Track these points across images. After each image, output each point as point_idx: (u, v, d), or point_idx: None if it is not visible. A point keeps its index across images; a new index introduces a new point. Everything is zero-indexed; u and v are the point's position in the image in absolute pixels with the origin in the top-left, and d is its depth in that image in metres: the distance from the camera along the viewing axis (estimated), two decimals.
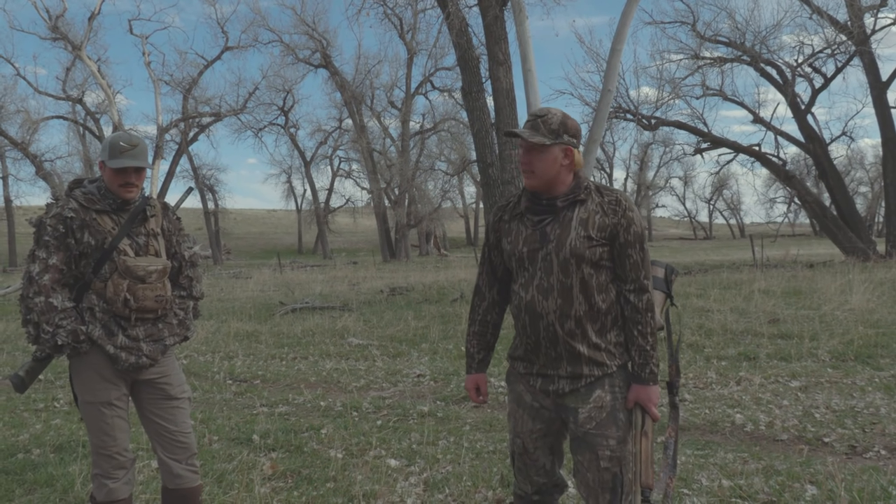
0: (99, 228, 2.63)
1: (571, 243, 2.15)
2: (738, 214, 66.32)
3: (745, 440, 4.29)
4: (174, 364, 2.85)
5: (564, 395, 2.22)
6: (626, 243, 2.18)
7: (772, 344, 7.07)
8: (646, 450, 2.16)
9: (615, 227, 2.17)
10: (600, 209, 2.19)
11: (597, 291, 2.18)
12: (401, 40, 36.88)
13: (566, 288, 2.16)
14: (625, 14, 10.94)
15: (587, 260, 2.15)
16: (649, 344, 2.19)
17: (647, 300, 2.19)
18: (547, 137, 2.17)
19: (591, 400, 2.18)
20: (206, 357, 7.95)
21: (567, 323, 2.17)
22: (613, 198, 2.21)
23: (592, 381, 2.19)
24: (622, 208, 2.19)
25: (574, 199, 2.21)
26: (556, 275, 2.17)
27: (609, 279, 2.20)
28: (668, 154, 53.74)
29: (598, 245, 2.16)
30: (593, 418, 2.17)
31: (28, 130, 36.63)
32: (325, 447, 4.28)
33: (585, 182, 2.24)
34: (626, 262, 2.18)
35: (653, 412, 2.17)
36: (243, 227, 62.91)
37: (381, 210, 38.76)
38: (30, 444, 4.55)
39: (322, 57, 36.62)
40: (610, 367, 2.20)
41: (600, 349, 2.19)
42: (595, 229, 2.16)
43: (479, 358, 2.45)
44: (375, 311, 11.56)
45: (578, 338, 2.18)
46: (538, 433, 2.30)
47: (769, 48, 20.15)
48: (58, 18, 30.93)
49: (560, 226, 2.19)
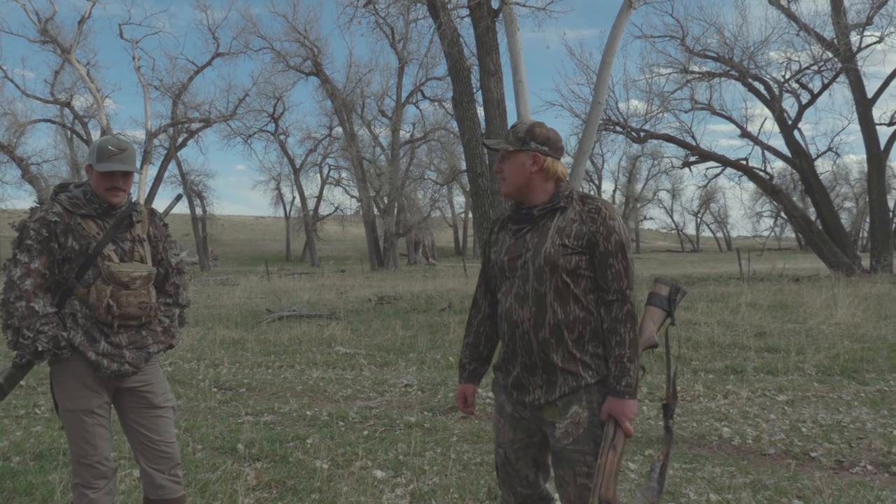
0: (83, 233, 2.59)
1: (546, 251, 2.15)
2: (725, 228, 66.83)
3: (733, 454, 4.28)
4: (158, 372, 2.80)
5: (541, 406, 2.21)
6: (606, 252, 2.15)
7: (759, 357, 7.09)
8: (611, 463, 2.11)
9: (593, 236, 2.15)
10: (579, 217, 2.19)
11: (573, 300, 2.16)
12: (392, 49, 36.99)
13: (540, 296, 2.16)
14: (615, 27, 11.02)
15: (562, 268, 2.14)
16: (627, 356, 2.12)
17: (628, 311, 2.14)
18: (512, 144, 2.23)
19: (569, 415, 2.16)
20: (191, 364, 7.86)
21: (541, 332, 2.15)
22: (594, 206, 2.20)
23: (568, 392, 2.16)
24: (602, 216, 2.16)
25: (553, 207, 2.22)
26: (531, 283, 2.17)
27: (589, 289, 2.18)
28: (657, 167, 54.20)
29: (574, 253, 2.14)
30: (570, 434, 2.16)
31: (15, 133, 36.28)
32: (311, 457, 4.23)
33: (567, 191, 2.24)
34: (608, 272, 2.15)
35: (626, 427, 2.12)
36: (231, 234, 62.60)
37: (370, 218, 38.69)
38: (9, 451, 4.47)
39: (313, 64, 36.61)
40: (585, 380, 2.16)
41: (576, 360, 2.16)
42: (571, 237, 2.16)
43: (469, 369, 2.45)
44: (363, 319, 11.51)
45: (552, 347, 2.15)
46: (519, 443, 2.30)
47: (757, 63, 20.37)
48: (47, 21, 30.77)
49: (538, 234, 2.20)
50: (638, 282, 2.30)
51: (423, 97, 39.10)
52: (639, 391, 2.39)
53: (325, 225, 52.56)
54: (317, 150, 45.42)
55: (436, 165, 42.63)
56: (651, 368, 6.73)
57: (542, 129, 2.24)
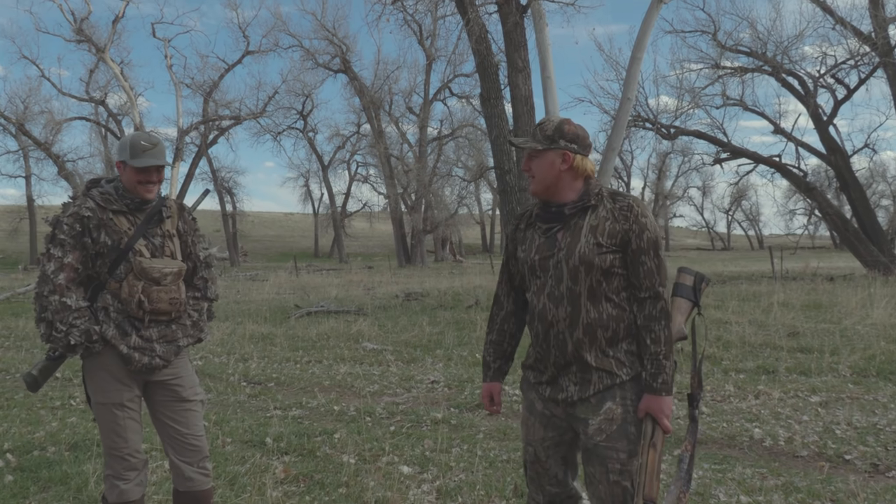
0: (115, 229, 2.63)
1: (581, 250, 2.13)
2: (757, 226, 65.78)
3: (764, 455, 4.21)
4: (187, 366, 2.84)
5: (574, 403, 2.19)
6: (638, 250, 2.14)
7: (791, 358, 6.96)
8: (652, 461, 2.11)
9: (626, 233, 2.14)
10: (611, 215, 2.16)
11: (606, 299, 2.15)
12: (420, 46, 37.06)
13: (575, 296, 2.14)
14: (645, 23, 10.90)
15: (597, 267, 2.12)
16: (662, 353, 2.12)
17: (662, 308, 2.14)
18: (541, 143, 2.20)
19: (602, 412, 2.15)
20: (221, 359, 7.97)
21: (576, 331, 2.14)
22: (625, 203, 2.18)
23: (602, 390, 2.15)
24: (634, 214, 2.15)
25: (584, 205, 2.19)
26: (565, 282, 2.15)
27: (621, 287, 2.17)
28: (687, 164, 53.54)
29: (609, 252, 2.13)
30: (603, 430, 2.14)
31: (51, 131, 37.16)
32: (338, 452, 4.26)
33: (597, 189, 2.22)
34: (640, 270, 2.14)
35: (664, 424, 2.11)
36: (260, 230, 63.30)
37: (398, 215, 38.83)
38: (45, 441, 4.58)
39: (341, 62, 36.83)
40: (620, 377, 2.15)
41: (610, 358, 2.15)
42: (605, 236, 2.14)
43: (494, 367, 2.44)
44: (390, 315, 11.55)
45: (587, 346, 2.15)
46: (550, 441, 2.28)
47: (791, 58, 19.97)
48: (83, 21, 31.41)
49: (570, 233, 2.18)
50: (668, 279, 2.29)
51: (451, 94, 39.12)
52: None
53: (353, 221, 52.88)
54: (345, 147, 45.76)
55: (463, 162, 42.60)
56: (680, 368, 6.65)
57: (570, 127, 2.21)
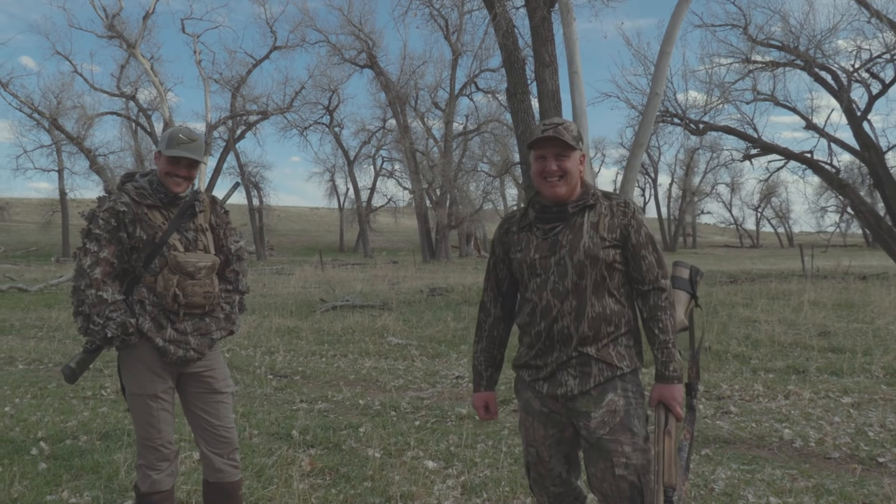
0: (150, 223, 2.67)
1: (585, 245, 2.19)
2: (787, 223, 64.64)
3: (794, 457, 4.14)
4: (220, 358, 2.87)
5: (574, 397, 2.19)
6: (638, 244, 2.21)
7: (822, 357, 6.84)
8: (669, 449, 2.12)
9: (626, 228, 2.22)
10: (609, 211, 2.25)
11: (608, 294, 2.20)
12: (446, 41, 37.03)
13: (580, 290, 2.18)
14: (674, 16, 10.76)
15: (601, 261, 2.18)
16: (671, 341, 2.17)
17: (667, 298, 2.20)
18: (574, 141, 2.24)
19: (604, 404, 2.16)
20: (248, 351, 8.06)
21: (582, 325, 2.17)
22: (621, 200, 2.27)
23: (603, 382, 2.17)
24: (631, 210, 2.25)
25: (584, 204, 2.26)
26: (570, 277, 2.19)
27: (622, 282, 2.24)
28: (716, 160, 52.64)
29: (611, 247, 2.20)
30: (606, 423, 2.15)
31: (83, 125, 37.83)
32: (364, 446, 4.29)
33: (592, 189, 2.30)
34: (642, 264, 2.22)
35: (677, 411, 2.15)
36: (286, 224, 63.82)
37: (423, 210, 38.87)
38: (77, 430, 4.67)
39: (368, 57, 36.93)
40: (620, 369, 2.19)
41: (611, 351, 2.19)
42: (606, 230, 2.21)
43: (486, 375, 2.45)
44: (415, 311, 11.58)
45: (591, 340, 2.18)
46: (551, 439, 2.28)
47: (824, 52, 19.55)
48: (114, 17, 31.87)
49: (572, 231, 2.23)
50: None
51: (477, 89, 39.04)
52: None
53: (378, 216, 53.07)
54: (370, 142, 45.88)
55: (488, 158, 42.48)
56: (707, 366, 6.58)
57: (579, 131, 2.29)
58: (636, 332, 2.29)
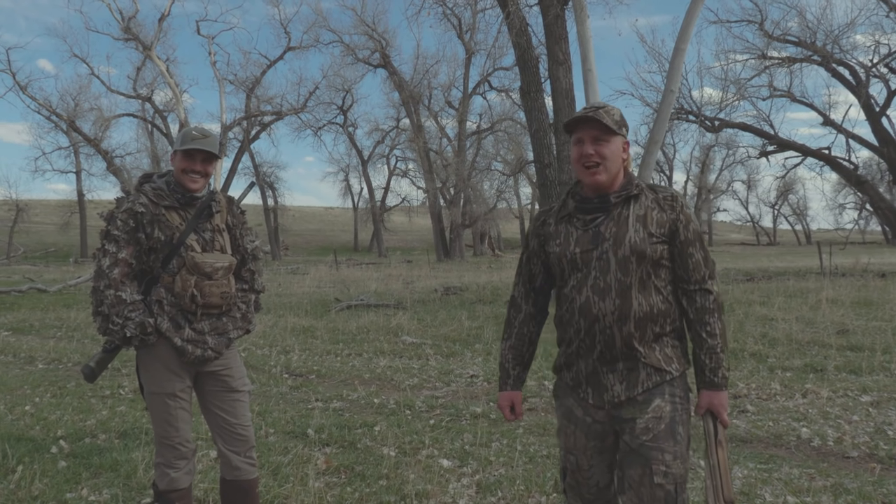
0: (167, 224, 2.69)
1: (631, 240, 2.05)
2: (805, 220, 63.97)
3: (812, 455, 4.11)
4: (237, 357, 2.90)
5: (620, 404, 2.09)
6: (686, 241, 2.09)
7: (840, 356, 6.77)
8: (724, 461, 2.02)
9: (674, 224, 2.09)
10: (656, 205, 2.11)
11: (655, 292, 2.08)
12: (459, 40, 37.01)
13: (625, 288, 2.05)
14: (689, 13, 10.68)
15: (648, 258, 2.05)
16: (719, 346, 2.07)
17: (714, 300, 2.09)
18: (614, 125, 2.10)
19: (650, 410, 2.04)
20: (263, 351, 8.11)
21: (626, 325, 2.05)
22: (669, 194, 2.14)
23: (651, 387, 2.06)
24: (679, 204, 2.11)
25: (627, 195, 2.11)
26: (613, 273, 2.05)
27: (668, 280, 2.11)
28: (731, 157, 52.30)
29: (659, 242, 2.07)
30: (651, 430, 2.04)
31: (100, 127, 38.29)
32: (379, 444, 4.30)
33: (636, 179, 2.17)
34: (689, 262, 2.09)
35: (724, 419, 2.07)
36: (301, 224, 64.10)
37: (437, 209, 38.88)
38: (96, 429, 4.72)
39: (381, 57, 37.00)
40: (670, 373, 2.08)
41: (658, 353, 2.08)
42: (654, 225, 2.08)
43: (514, 374, 2.33)
44: (429, 310, 11.59)
45: (637, 340, 2.05)
46: (593, 450, 2.18)
47: (842, 48, 19.40)
48: (130, 20, 32.16)
49: (615, 223, 2.09)
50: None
51: (490, 87, 39.01)
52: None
53: (392, 216, 53.16)
54: (384, 142, 46.00)
55: (502, 156, 42.46)
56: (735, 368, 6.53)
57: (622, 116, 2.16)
58: (681, 331, 2.17)
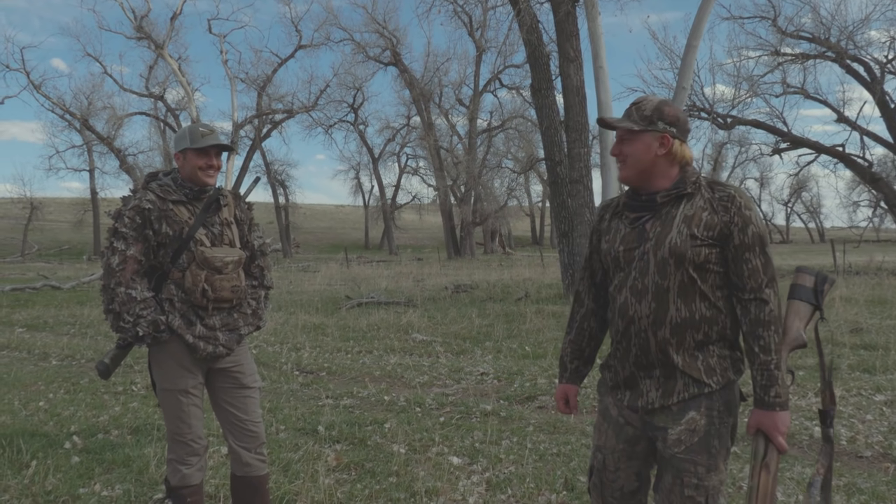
0: (176, 218, 2.70)
1: (671, 241, 1.95)
2: (818, 218, 63.51)
3: None
4: (247, 354, 2.91)
5: (654, 411, 2.01)
6: (741, 245, 1.94)
7: (854, 354, 6.72)
8: (765, 485, 1.91)
9: (727, 226, 1.94)
10: (709, 206, 1.97)
11: (700, 298, 1.96)
12: (470, 38, 36.97)
13: (662, 291, 1.96)
14: (702, 9, 10.62)
15: (689, 261, 1.94)
16: (773, 362, 1.90)
17: (770, 311, 1.92)
18: (637, 123, 2.01)
19: (683, 421, 1.96)
20: (274, 348, 8.14)
21: (661, 330, 1.96)
22: (726, 193, 1.98)
23: (687, 398, 1.97)
24: (736, 205, 1.95)
25: (678, 194, 2.00)
26: (651, 276, 1.97)
27: (718, 285, 1.98)
28: (744, 154, 52.00)
29: (704, 245, 1.94)
30: (683, 442, 1.96)
31: (113, 126, 38.57)
32: (389, 441, 4.31)
33: (694, 177, 2.03)
34: (744, 268, 1.94)
35: (778, 442, 1.90)
36: (312, 222, 64.29)
37: (447, 207, 38.89)
38: (109, 425, 4.76)
39: (392, 55, 37.02)
40: (709, 386, 1.95)
41: (699, 363, 1.97)
42: (701, 227, 1.95)
43: (571, 368, 2.28)
44: (440, 307, 11.60)
45: (674, 347, 1.96)
46: (620, 453, 2.12)
47: (856, 44, 19.19)
48: (142, 19, 32.34)
49: (661, 223, 1.99)
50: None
51: (501, 85, 38.94)
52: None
53: (403, 213, 53.24)
54: (395, 140, 46.03)
55: (513, 154, 42.36)
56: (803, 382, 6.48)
57: (670, 109, 2.03)
58: (733, 339, 2.03)
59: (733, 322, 2.01)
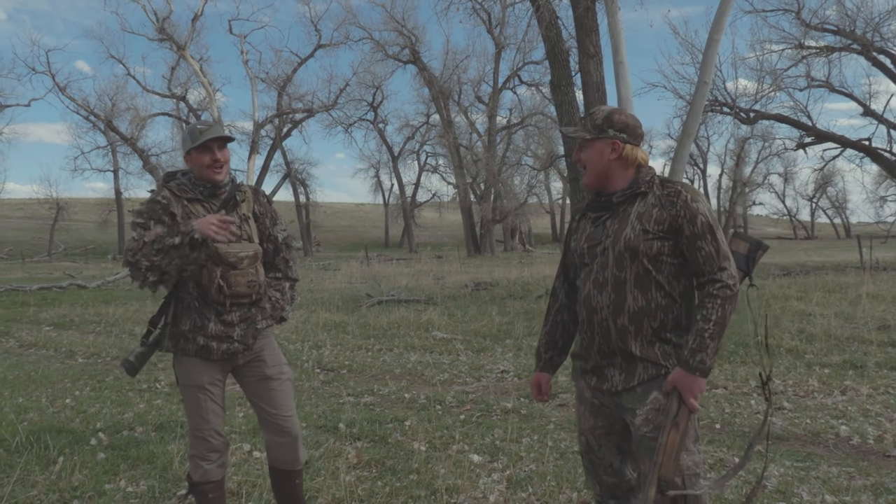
0: (193, 216, 2.71)
1: (626, 237, 2.13)
2: (844, 213, 62.54)
3: (851, 454, 4.01)
4: (271, 344, 2.90)
5: (619, 393, 2.18)
6: (692, 236, 2.10)
7: (881, 352, 6.60)
8: (672, 441, 2.04)
9: (675, 220, 2.11)
10: (659, 202, 2.15)
11: (655, 287, 2.13)
12: (489, 35, 36.86)
13: (620, 282, 2.14)
14: (723, 3, 10.47)
15: (643, 253, 2.11)
16: (709, 332, 2.03)
17: (721, 287, 2.05)
18: (590, 132, 2.21)
19: (649, 402, 2.10)
20: (295, 345, 8.20)
21: (620, 318, 2.14)
22: (673, 189, 2.16)
23: (647, 380, 2.13)
24: (682, 199, 2.12)
25: (632, 193, 2.19)
26: (610, 269, 2.16)
27: (674, 275, 2.15)
28: (768, 149, 51.25)
29: (657, 239, 2.11)
30: (650, 421, 2.09)
31: (136, 127, 39.08)
32: (409, 439, 4.32)
33: (648, 176, 2.20)
34: (698, 255, 2.10)
35: (690, 403, 2.04)
36: (332, 221, 64.61)
37: (467, 205, 38.86)
38: (133, 422, 4.82)
39: (411, 53, 37.06)
40: (666, 368, 2.12)
41: (656, 347, 2.13)
42: (652, 222, 2.12)
43: (545, 357, 2.47)
44: (460, 305, 11.60)
45: (632, 334, 2.13)
46: (600, 430, 2.29)
47: (882, 36, 18.83)
48: (164, 20, 32.71)
49: (619, 221, 2.18)
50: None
51: (520, 82, 38.79)
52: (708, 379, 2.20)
53: (423, 211, 53.33)
54: (414, 138, 46.13)
55: (533, 151, 42.22)
56: (759, 361, 6.41)
57: (620, 116, 2.21)
58: (688, 326, 2.17)
59: (689, 310, 2.18)
